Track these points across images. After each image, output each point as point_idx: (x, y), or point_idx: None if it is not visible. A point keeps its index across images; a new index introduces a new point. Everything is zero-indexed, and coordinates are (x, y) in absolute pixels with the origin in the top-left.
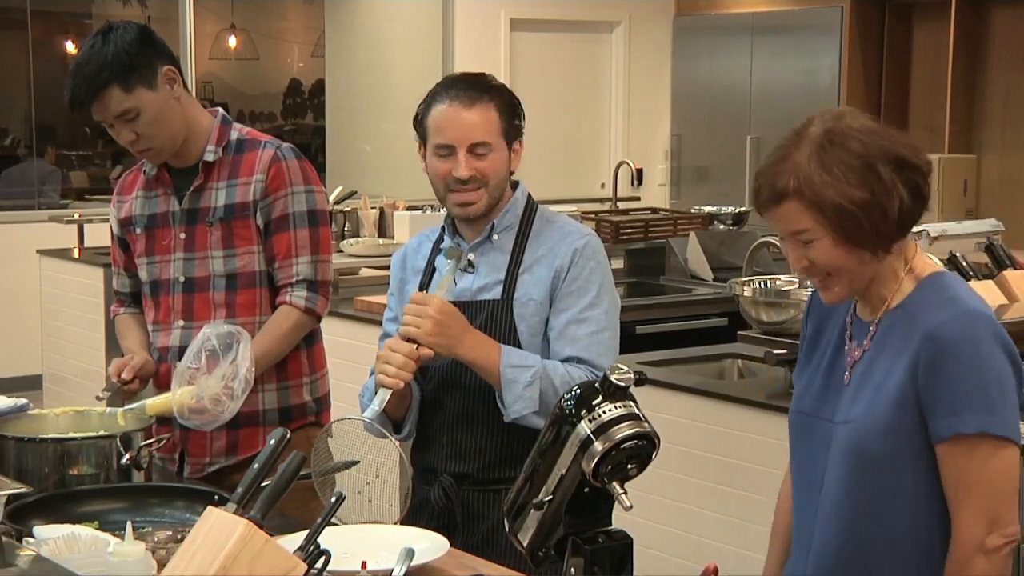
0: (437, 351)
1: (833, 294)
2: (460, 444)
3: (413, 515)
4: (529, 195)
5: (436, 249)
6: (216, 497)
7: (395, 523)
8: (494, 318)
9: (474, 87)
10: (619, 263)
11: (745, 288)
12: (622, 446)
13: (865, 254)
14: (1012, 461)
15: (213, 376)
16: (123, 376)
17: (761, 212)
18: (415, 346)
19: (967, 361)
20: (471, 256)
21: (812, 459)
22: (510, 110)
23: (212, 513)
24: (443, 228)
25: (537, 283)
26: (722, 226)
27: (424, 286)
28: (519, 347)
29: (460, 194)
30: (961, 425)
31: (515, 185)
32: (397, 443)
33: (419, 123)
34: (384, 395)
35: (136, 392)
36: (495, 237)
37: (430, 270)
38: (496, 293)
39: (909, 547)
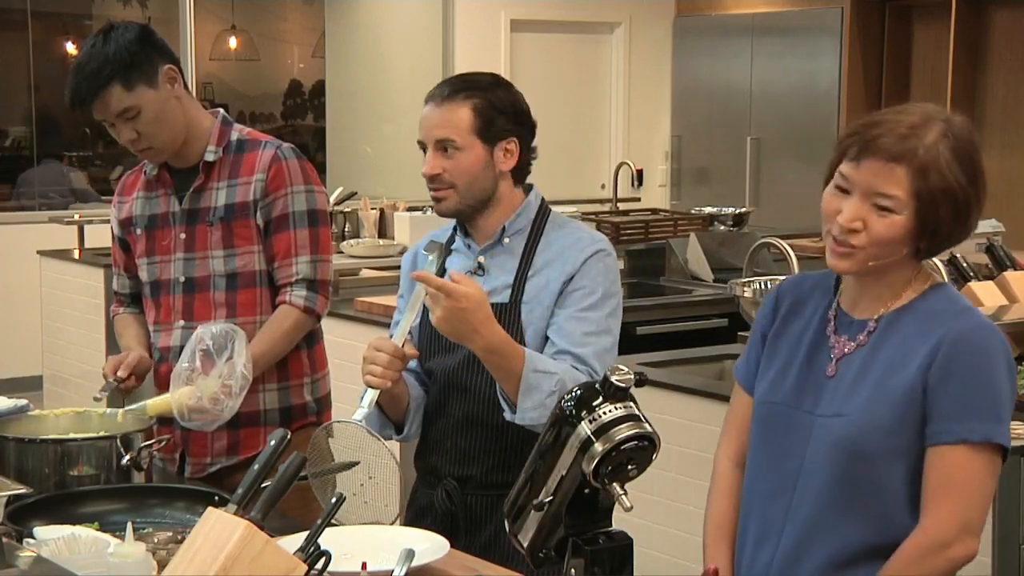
0: (449, 337)
1: (849, 263)
2: (464, 447)
3: (417, 519)
4: (543, 199)
5: (448, 250)
6: (216, 498)
7: (391, 523)
8: (502, 321)
9: (455, 85)
10: (619, 264)
11: (745, 289)
12: (622, 447)
13: (910, 248)
14: (996, 473)
15: (210, 376)
16: (119, 374)
17: (858, 159)
18: (401, 344)
19: (983, 372)
20: (481, 259)
21: (787, 451)
22: (492, 109)
23: (212, 514)
24: (454, 228)
25: (546, 287)
26: (722, 227)
27: None
28: None
29: (433, 192)
30: (969, 432)
31: (529, 189)
32: (385, 443)
33: None
34: (372, 396)
35: (133, 389)
36: (506, 240)
37: (440, 271)
38: (504, 296)
39: (885, 541)
